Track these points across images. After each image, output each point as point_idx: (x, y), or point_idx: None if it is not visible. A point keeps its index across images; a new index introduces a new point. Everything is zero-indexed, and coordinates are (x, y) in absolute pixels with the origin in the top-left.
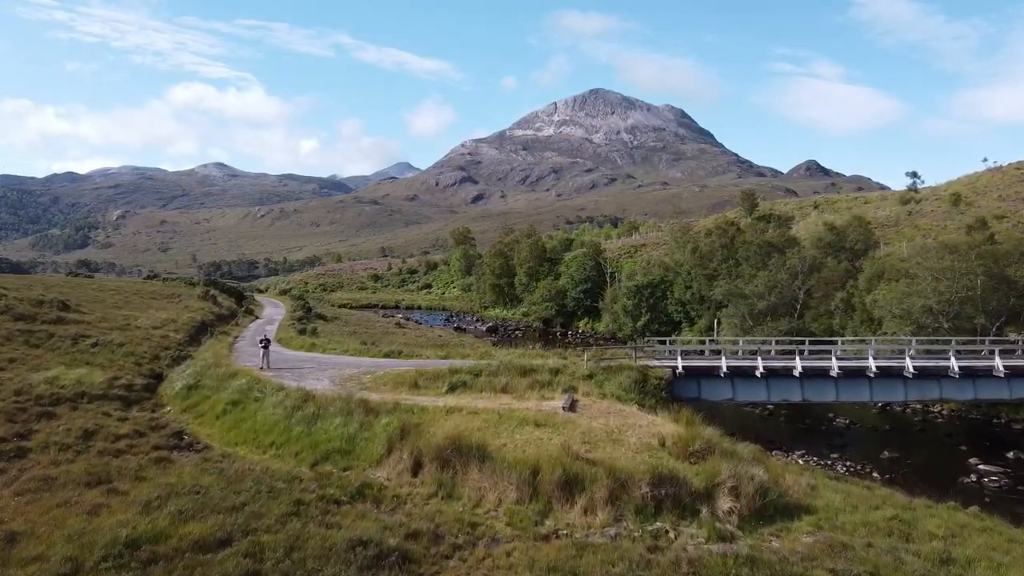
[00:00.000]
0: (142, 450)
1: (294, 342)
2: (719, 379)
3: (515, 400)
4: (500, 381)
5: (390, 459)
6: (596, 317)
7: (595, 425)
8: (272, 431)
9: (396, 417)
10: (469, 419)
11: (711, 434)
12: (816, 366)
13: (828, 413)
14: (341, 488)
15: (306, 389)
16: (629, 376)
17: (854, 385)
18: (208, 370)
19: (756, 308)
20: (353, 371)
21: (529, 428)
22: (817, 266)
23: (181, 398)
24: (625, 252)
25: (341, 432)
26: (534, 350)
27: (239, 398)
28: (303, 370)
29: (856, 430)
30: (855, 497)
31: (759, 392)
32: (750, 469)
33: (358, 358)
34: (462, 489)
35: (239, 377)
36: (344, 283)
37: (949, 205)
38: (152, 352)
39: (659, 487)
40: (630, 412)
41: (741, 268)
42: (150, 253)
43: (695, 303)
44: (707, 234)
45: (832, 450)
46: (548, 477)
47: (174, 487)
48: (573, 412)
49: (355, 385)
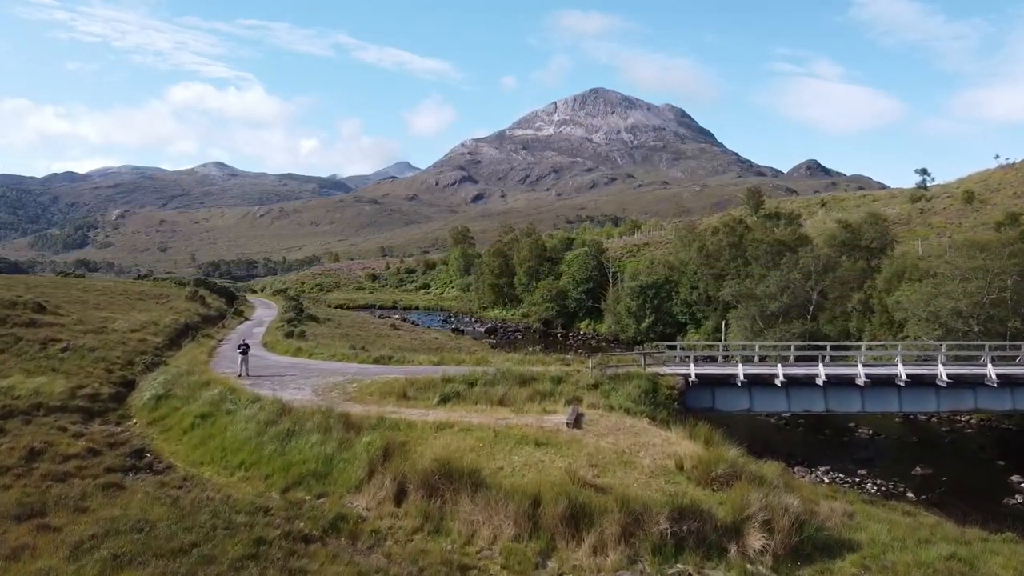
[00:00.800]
0: (92, 473)
1: (280, 346)
2: (735, 388)
3: (513, 414)
4: (497, 391)
5: (371, 485)
6: (598, 318)
7: (603, 444)
8: (242, 449)
9: (380, 435)
10: (461, 437)
11: (735, 455)
12: (840, 374)
13: (849, 423)
14: (313, 520)
15: (283, 401)
16: (638, 386)
17: (882, 394)
18: (180, 378)
19: (768, 310)
20: (338, 379)
21: (529, 448)
22: (831, 265)
23: (149, 410)
24: (627, 251)
25: (317, 452)
26: (534, 355)
27: (210, 411)
28: (285, 378)
29: (881, 442)
30: (900, 528)
31: (779, 402)
32: (783, 498)
33: (345, 364)
34: (451, 522)
35: (213, 386)
36: (341, 283)
37: (962, 202)
38: (126, 357)
39: (680, 521)
40: (641, 428)
41: (750, 268)
42: (149, 253)
43: (701, 304)
44: (714, 232)
45: (858, 465)
46: (551, 509)
47: (116, 522)
48: (578, 428)
49: (339, 395)
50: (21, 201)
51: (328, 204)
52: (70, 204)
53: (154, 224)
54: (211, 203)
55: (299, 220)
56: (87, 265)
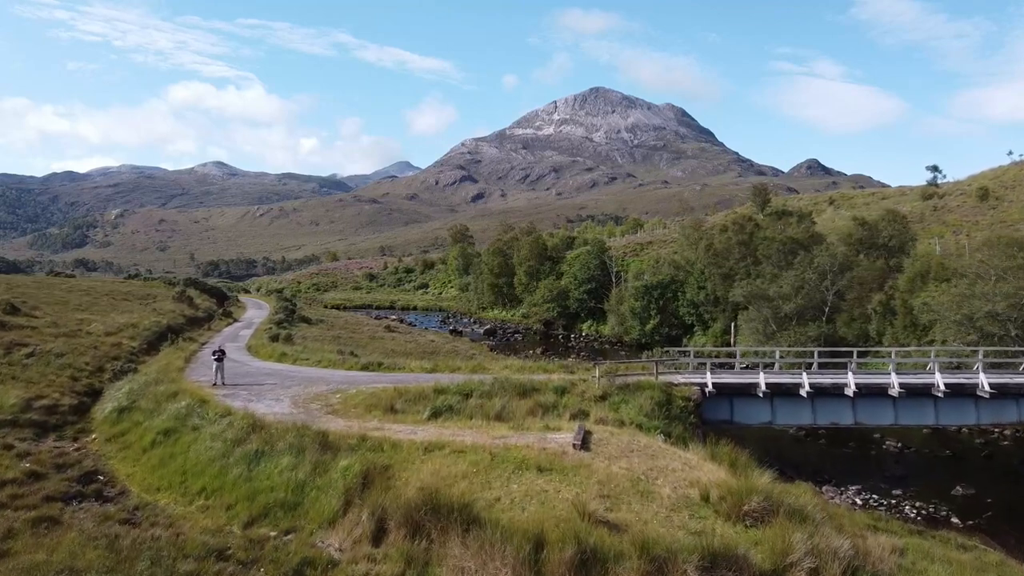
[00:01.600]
0: (28, 503)
1: (264, 351)
2: (756, 399)
3: (512, 431)
4: (494, 404)
5: (346, 519)
6: (601, 319)
7: (615, 469)
8: (204, 473)
9: (360, 458)
10: (453, 461)
11: (768, 484)
12: (871, 383)
13: (874, 434)
14: (275, 565)
15: (257, 415)
16: (650, 397)
17: (916, 406)
18: (148, 388)
19: (781, 311)
20: (322, 388)
21: (530, 475)
22: (848, 265)
23: (110, 423)
24: (631, 250)
25: (288, 478)
26: (535, 362)
27: (174, 426)
28: (264, 387)
29: (911, 456)
30: (964, 571)
31: (803, 414)
32: (831, 540)
33: (331, 371)
34: (438, 569)
35: (181, 398)
36: (338, 282)
37: (976, 200)
38: (96, 363)
39: (711, 571)
40: (657, 448)
41: (761, 267)
42: (148, 252)
43: (709, 305)
44: (722, 230)
45: (891, 483)
46: (556, 555)
47: (37, 571)
48: (586, 450)
49: (320, 407)
50: (20, 200)
51: (328, 203)
52: (70, 203)
53: (153, 223)
54: (211, 202)
55: (299, 220)
56: (86, 265)
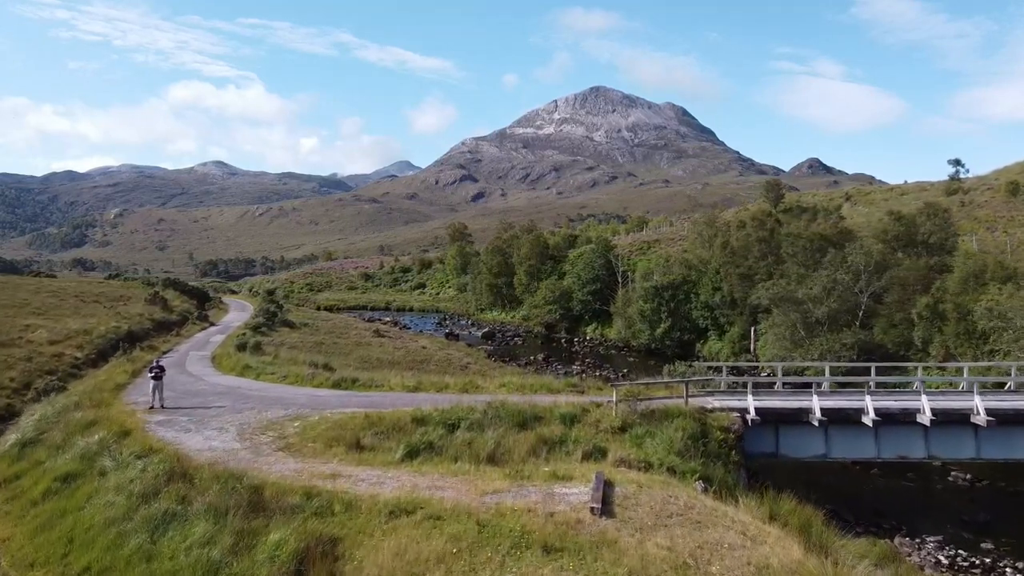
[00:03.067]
0: None
1: (227, 362)
2: (807, 427)
3: (508, 482)
4: (486, 441)
5: None
6: (606, 322)
7: (652, 550)
8: (96, 542)
9: (297, 531)
10: (426, 533)
11: (868, 572)
12: (949, 407)
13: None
14: None
15: (184, 454)
16: (682, 428)
17: (1003, 436)
18: (64, 414)
19: (812, 316)
20: (279, 413)
21: (532, 558)
22: (885, 264)
23: (9, 461)
24: (637, 249)
25: (198, 557)
26: (538, 377)
27: (77, 469)
28: (210, 410)
29: (987, 492)
30: None
31: (865, 446)
32: None
33: (297, 388)
34: None
35: (98, 428)
36: (333, 282)
37: (1007, 194)
38: (23, 379)
39: None
40: (702, 508)
41: (785, 266)
42: (147, 252)
43: (725, 308)
44: (739, 227)
45: (975, 531)
46: None
47: None
48: (609, 516)
49: (271, 441)
50: (20, 200)
51: (328, 203)
52: (69, 203)
53: (152, 223)
54: (210, 202)
55: (298, 219)
56: (83, 264)
